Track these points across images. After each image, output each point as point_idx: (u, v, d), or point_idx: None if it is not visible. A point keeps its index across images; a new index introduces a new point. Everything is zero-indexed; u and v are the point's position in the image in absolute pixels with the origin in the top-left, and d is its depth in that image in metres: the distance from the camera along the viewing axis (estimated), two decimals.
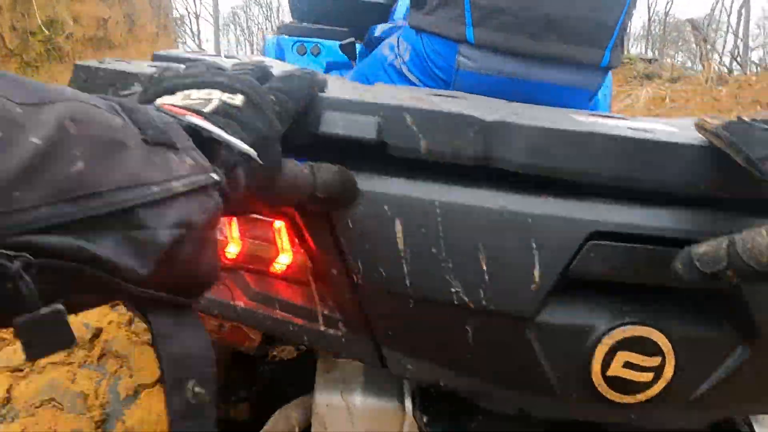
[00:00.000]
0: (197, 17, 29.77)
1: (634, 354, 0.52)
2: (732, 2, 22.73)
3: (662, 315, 0.54)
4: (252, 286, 0.59)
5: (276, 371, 1.27)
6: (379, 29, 1.44)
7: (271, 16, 34.65)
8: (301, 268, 0.59)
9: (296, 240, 0.57)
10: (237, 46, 35.85)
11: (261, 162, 0.40)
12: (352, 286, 0.54)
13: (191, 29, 28.87)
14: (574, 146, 0.50)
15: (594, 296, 0.55)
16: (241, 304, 0.58)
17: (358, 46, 1.56)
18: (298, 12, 1.82)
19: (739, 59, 10.45)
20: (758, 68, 9.34)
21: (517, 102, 0.73)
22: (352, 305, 0.56)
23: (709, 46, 12.78)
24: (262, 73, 0.49)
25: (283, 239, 0.58)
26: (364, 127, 0.49)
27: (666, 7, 26.24)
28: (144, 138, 0.31)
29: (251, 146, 0.39)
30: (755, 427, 0.65)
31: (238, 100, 0.41)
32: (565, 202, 0.52)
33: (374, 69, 1.19)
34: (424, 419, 0.64)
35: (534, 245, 0.50)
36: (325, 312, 0.57)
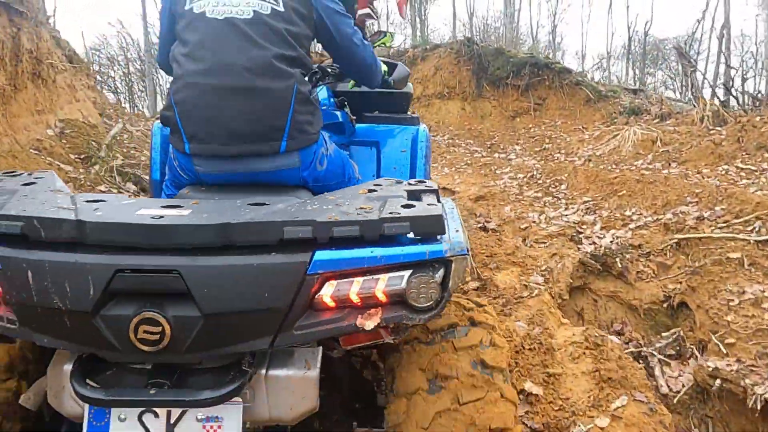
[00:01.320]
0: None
1: (148, 327, 1.07)
2: (713, 23, 22.14)
3: (162, 305, 1.08)
4: None
5: None
6: None
7: None
8: None
9: None
10: None
11: None
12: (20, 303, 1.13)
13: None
14: (111, 229, 1.09)
15: (130, 298, 1.09)
16: None
17: None
18: None
19: (734, 91, 9.43)
20: (758, 103, 8.29)
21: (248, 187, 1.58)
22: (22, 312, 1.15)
23: (699, 75, 11.89)
24: None
25: None
26: (12, 228, 1.08)
27: (645, 27, 25.80)
28: None
29: None
30: None
31: None
32: (107, 254, 1.08)
33: (174, 165, 1.76)
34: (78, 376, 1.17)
35: (90, 277, 1.06)
36: (8, 316, 1.16)
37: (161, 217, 1.10)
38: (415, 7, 27.00)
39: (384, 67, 2.05)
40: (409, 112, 2.40)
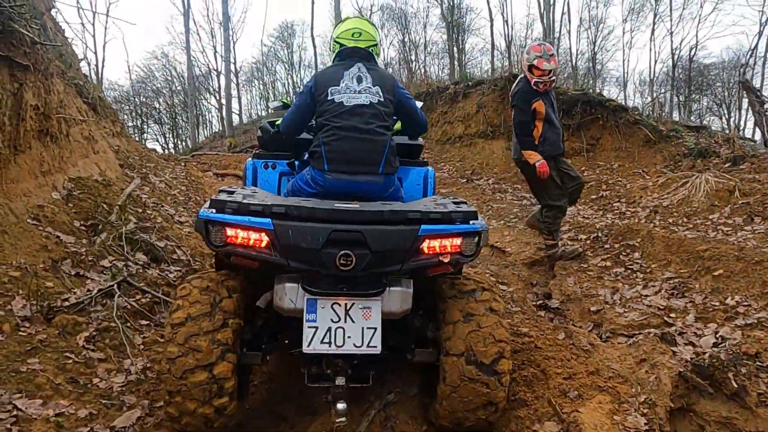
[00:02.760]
0: (218, 74, 29.08)
1: (344, 258, 2.13)
2: (767, 50, 20.75)
3: (352, 247, 2.14)
4: None
5: None
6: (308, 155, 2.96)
7: (291, 71, 34.04)
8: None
9: None
10: (260, 100, 35.48)
11: None
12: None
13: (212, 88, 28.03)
14: (329, 211, 2.22)
15: (337, 243, 2.13)
16: None
17: (296, 163, 3.28)
18: (264, 145, 3.44)
19: None
20: None
21: (354, 192, 2.74)
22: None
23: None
24: None
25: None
26: (281, 209, 2.20)
27: (691, 53, 24.89)
28: None
29: None
30: None
31: None
32: (328, 223, 2.16)
33: (300, 184, 2.86)
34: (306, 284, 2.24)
35: (320, 233, 2.13)
36: (275, 253, 2.19)
37: (350, 207, 2.19)
38: (453, 37, 26.64)
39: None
40: (421, 158, 3.67)
